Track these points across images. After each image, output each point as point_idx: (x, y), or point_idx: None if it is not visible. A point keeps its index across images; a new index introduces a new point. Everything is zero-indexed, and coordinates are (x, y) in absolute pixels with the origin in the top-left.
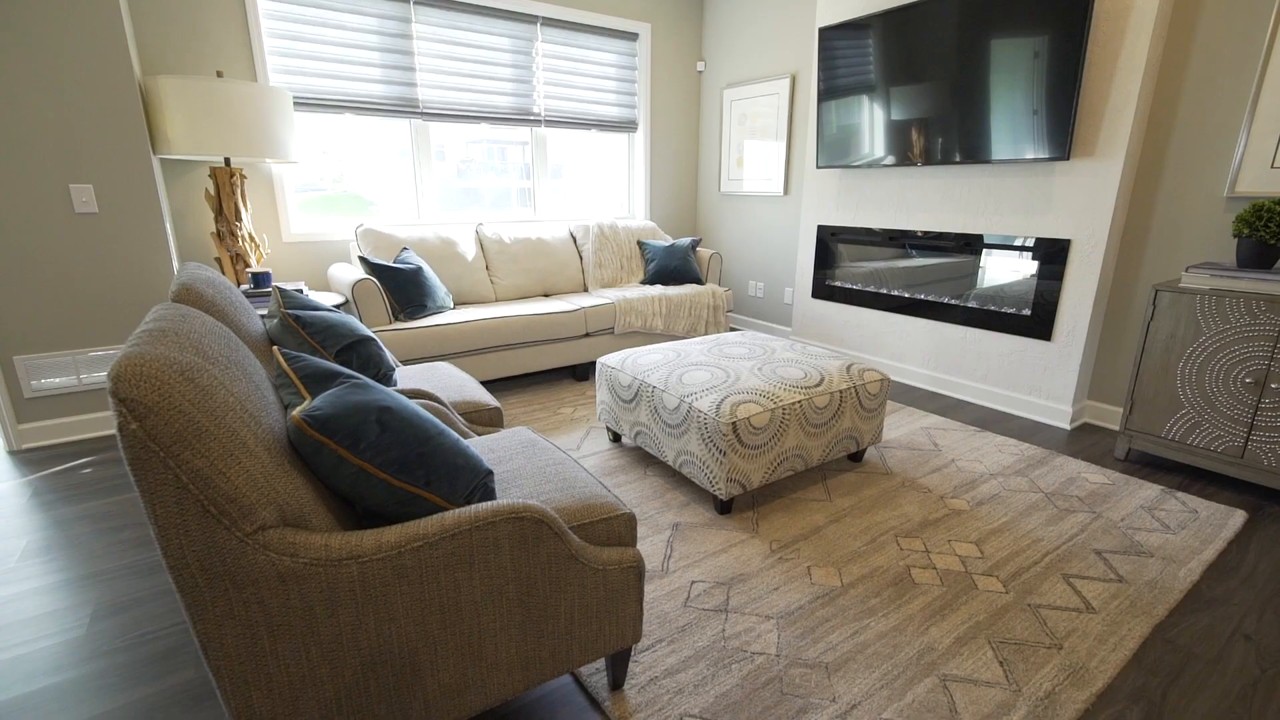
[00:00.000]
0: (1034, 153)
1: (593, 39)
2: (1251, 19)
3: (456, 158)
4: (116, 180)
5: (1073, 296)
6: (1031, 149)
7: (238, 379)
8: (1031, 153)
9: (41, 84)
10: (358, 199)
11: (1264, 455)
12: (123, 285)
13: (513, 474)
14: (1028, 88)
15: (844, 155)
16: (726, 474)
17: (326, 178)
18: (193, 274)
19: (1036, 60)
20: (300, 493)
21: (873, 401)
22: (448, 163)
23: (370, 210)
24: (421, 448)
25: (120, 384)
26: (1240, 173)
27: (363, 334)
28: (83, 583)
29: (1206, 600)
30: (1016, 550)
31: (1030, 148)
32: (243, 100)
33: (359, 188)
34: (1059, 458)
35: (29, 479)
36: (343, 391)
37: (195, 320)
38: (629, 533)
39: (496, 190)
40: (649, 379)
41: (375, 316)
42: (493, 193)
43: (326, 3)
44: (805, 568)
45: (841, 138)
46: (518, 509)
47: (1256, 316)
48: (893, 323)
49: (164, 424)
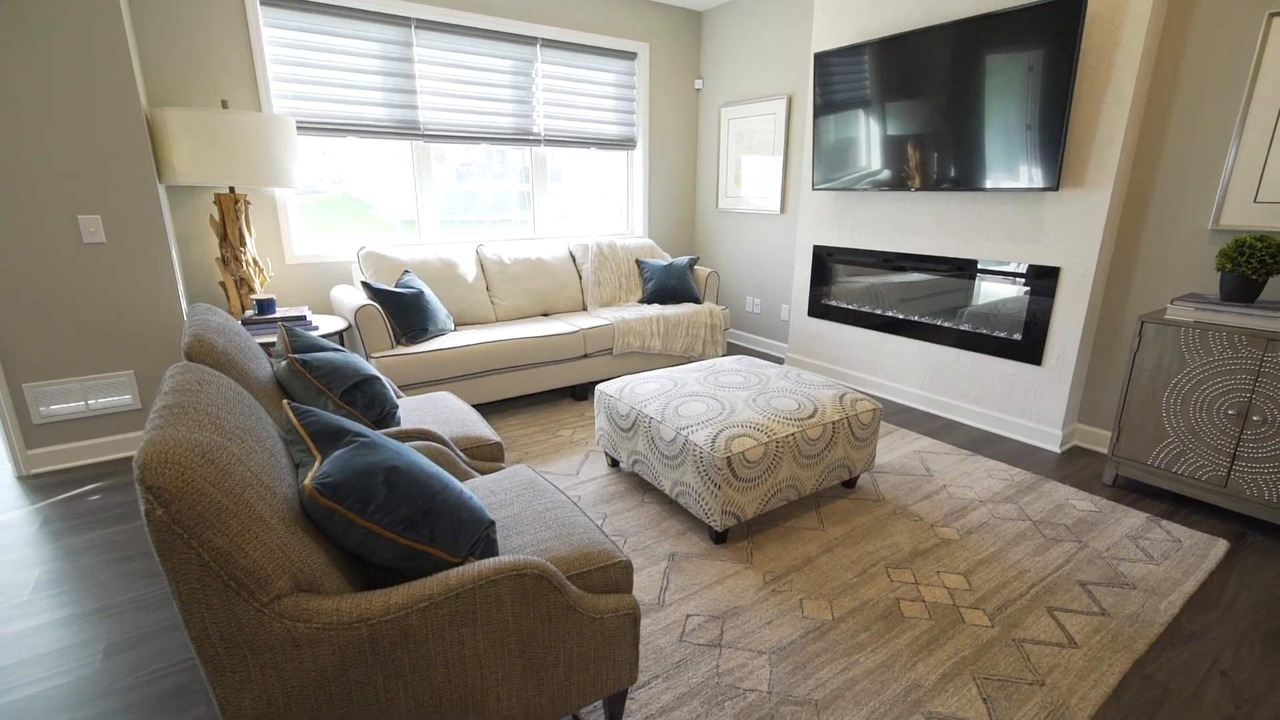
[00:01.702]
0: (1024, 182)
1: (592, 59)
2: (1235, 56)
3: (456, 161)
4: (124, 210)
5: (1062, 322)
6: (1021, 178)
7: (253, 450)
8: (1022, 182)
9: (51, 118)
10: (358, 202)
11: (1246, 485)
12: (129, 312)
13: (513, 519)
14: (1018, 118)
15: (839, 177)
16: (721, 506)
17: (326, 179)
18: (203, 322)
19: (1026, 92)
20: (313, 557)
21: (865, 431)
22: (447, 166)
23: (370, 214)
24: (427, 504)
25: (147, 472)
26: (1224, 206)
27: (366, 374)
28: (94, 617)
29: (1186, 634)
30: (1003, 582)
31: (1020, 177)
32: (246, 130)
33: (358, 190)
34: (1048, 483)
35: (38, 506)
36: (351, 453)
37: (210, 389)
38: (625, 579)
39: (496, 194)
40: (646, 409)
41: (377, 341)
42: (492, 196)
43: (329, 28)
44: (798, 600)
45: (837, 160)
46: (519, 566)
47: (1239, 350)
48: (888, 343)
49: (187, 508)
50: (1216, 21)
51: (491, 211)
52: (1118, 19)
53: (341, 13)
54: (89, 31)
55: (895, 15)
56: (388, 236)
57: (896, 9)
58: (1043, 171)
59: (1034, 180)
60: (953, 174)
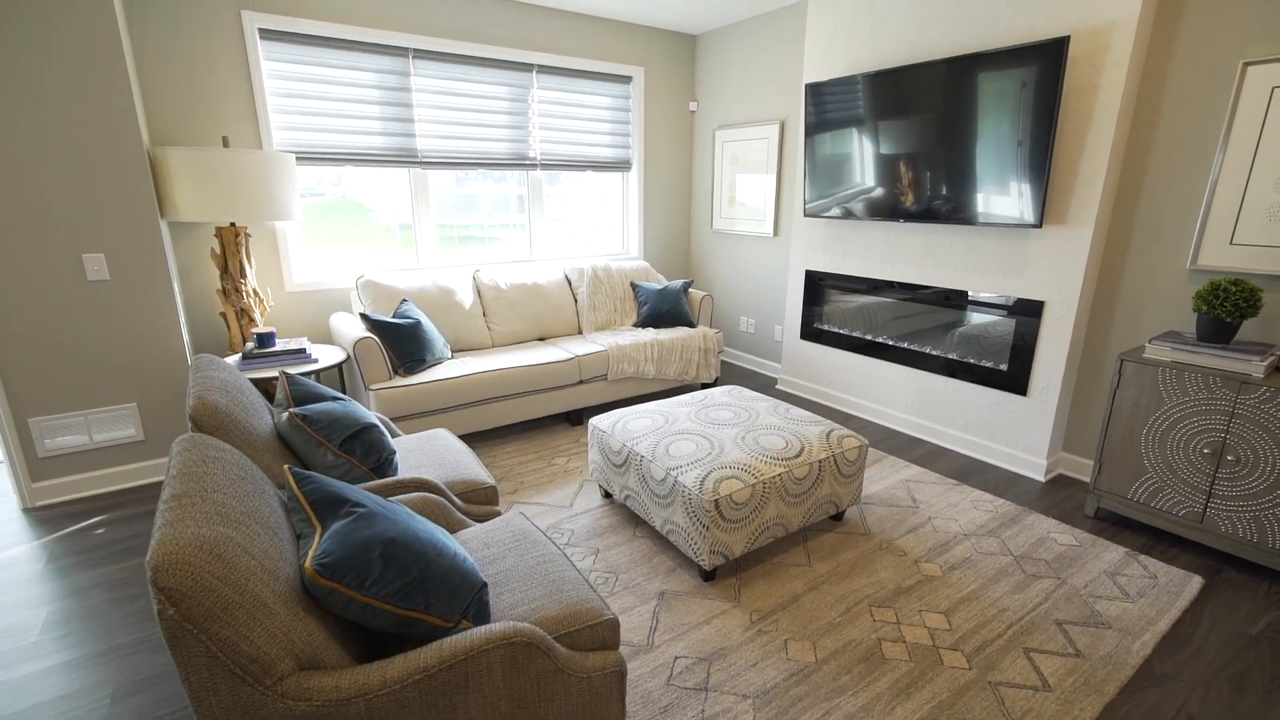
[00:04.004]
0: (1009, 218)
1: (588, 83)
2: (1212, 102)
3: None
4: (127, 248)
5: (1046, 355)
6: (1006, 214)
7: (257, 534)
8: (1007, 218)
9: (56, 159)
10: (357, 205)
11: (1221, 521)
12: (132, 347)
13: (505, 575)
14: (1003, 155)
15: (829, 205)
16: (710, 546)
17: (325, 181)
18: (205, 381)
19: (1012, 130)
20: (313, 634)
21: (851, 467)
22: (446, 172)
23: (369, 218)
24: (423, 573)
25: (159, 574)
26: (1202, 247)
27: (364, 423)
28: (101, 659)
29: (1157, 676)
30: (982, 621)
31: (1005, 213)
32: (247, 168)
33: (357, 194)
34: (1031, 515)
35: (44, 541)
36: (349, 527)
37: (215, 469)
38: (612, 636)
39: (495, 197)
40: (637, 447)
41: (376, 372)
42: (491, 200)
43: (328, 60)
44: (782, 641)
45: (827, 188)
46: (509, 634)
47: (1213, 391)
48: (878, 368)
49: (196, 605)
50: (1194, 67)
51: (491, 215)
52: (1098, 62)
53: (341, 45)
54: (93, 75)
55: (885, 50)
56: (386, 240)
57: (886, 43)
58: (1027, 208)
59: (1018, 216)
60: (940, 207)
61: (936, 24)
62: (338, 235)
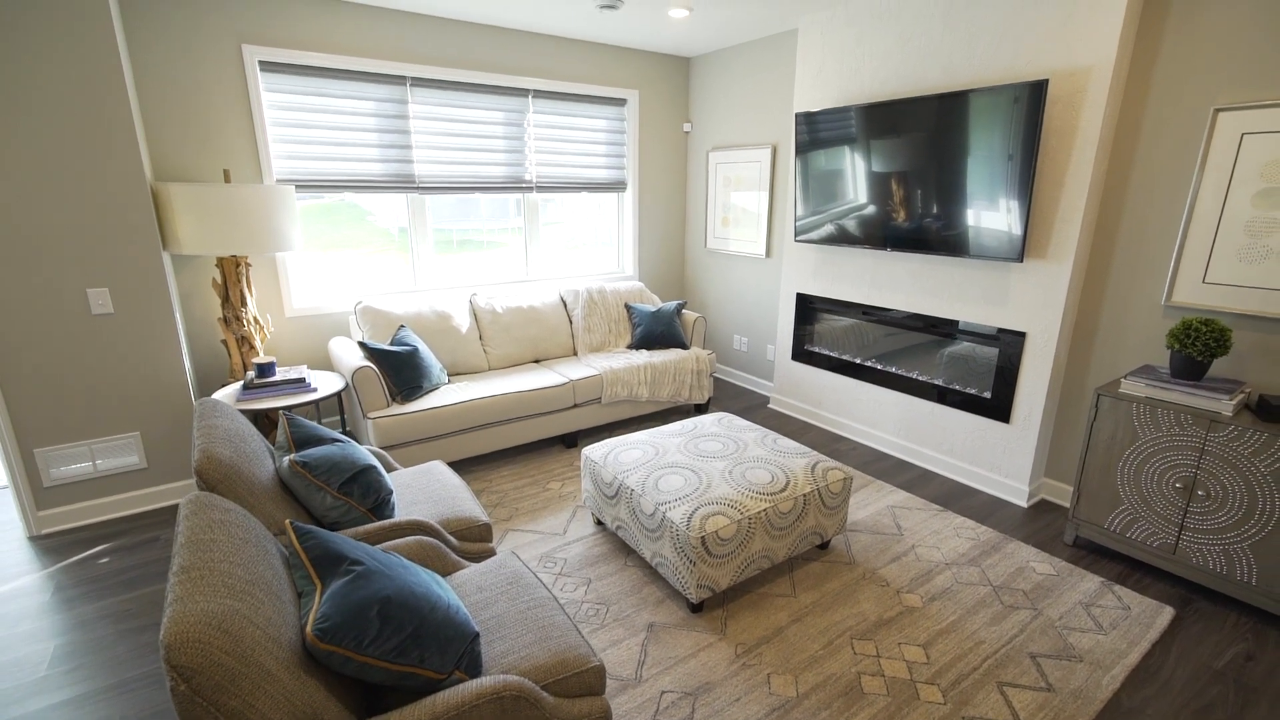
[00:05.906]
0: (992, 251)
1: (583, 107)
2: (1185, 145)
3: None
4: (130, 282)
5: (1028, 384)
6: (989, 247)
7: (261, 602)
8: (990, 250)
9: (60, 195)
10: (355, 208)
11: (1193, 554)
12: (135, 377)
13: (497, 621)
14: (986, 191)
15: (818, 231)
16: (697, 580)
17: None
18: (209, 431)
19: (994, 166)
20: (314, 695)
21: (835, 499)
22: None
23: (367, 220)
24: (418, 629)
25: (172, 653)
26: (1176, 284)
27: (362, 465)
28: (111, 694)
29: (1124, 711)
30: (959, 654)
31: (988, 246)
32: (248, 202)
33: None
34: (1011, 543)
35: (50, 571)
36: (347, 588)
37: (221, 534)
38: (599, 682)
39: (494, 201)
40: (628, 480)
41: (374, 401)
42: (491, 203)
43: (327, 89)
44: (765, 675)
45: (816, 214)
46: (498, 689)
47: (1185, 427)
48: (867, 391)
49: (206, 680)
50: (1168, 112)
51: (489, 220)
52: (1076, 103)
53: (340, 75)
54: (97, 113)
55: (874, 82)
56: (385, 244)
57: (874, 75)
58: (1009, 242)
59: (1001, 250)
60: (925, 237)
61: (918, 59)
62: (336, 239)
